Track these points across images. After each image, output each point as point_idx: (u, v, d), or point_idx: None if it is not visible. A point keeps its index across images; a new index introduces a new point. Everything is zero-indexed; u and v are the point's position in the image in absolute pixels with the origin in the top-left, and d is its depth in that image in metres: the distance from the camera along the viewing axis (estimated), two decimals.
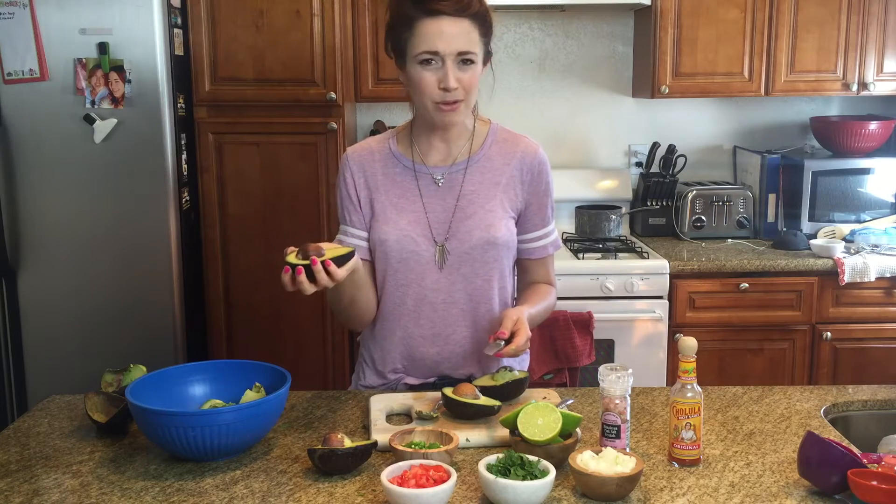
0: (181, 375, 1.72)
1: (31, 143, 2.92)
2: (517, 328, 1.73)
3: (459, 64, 1.75)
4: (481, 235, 1.84)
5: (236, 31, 3.06)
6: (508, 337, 1.72)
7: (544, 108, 3.75)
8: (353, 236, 1.93)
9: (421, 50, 1.74)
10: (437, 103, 1.77)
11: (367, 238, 1.93)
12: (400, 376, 1.94)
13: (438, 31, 1.72)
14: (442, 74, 1.74)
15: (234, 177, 3.14)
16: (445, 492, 1.34)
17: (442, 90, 1.75)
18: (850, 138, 3.47)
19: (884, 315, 3.20)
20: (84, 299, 3.00)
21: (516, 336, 1.72)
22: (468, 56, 1.74)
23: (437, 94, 1.76)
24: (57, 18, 2.86)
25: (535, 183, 1.90)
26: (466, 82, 1.76)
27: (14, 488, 1.47)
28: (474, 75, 1.77)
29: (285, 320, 3.20)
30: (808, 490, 1.43)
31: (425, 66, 1.75)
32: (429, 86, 1.76)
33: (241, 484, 1.47)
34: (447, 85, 1.74)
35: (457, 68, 1.74)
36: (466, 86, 1.77)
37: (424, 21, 1.72)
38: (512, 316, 1.75)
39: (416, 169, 1.89)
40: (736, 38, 3.36)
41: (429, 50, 1.73)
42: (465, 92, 1.77)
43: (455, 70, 1.74)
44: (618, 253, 3.26)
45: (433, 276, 1.86)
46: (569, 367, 2.27)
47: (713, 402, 1.83)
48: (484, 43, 1.79)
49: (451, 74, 1.74)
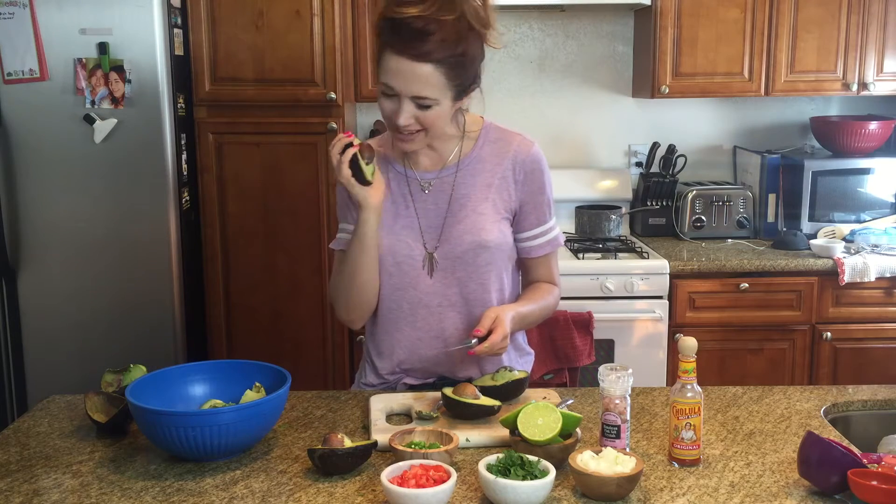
0: (181, 375, 1.72)
1: (31, 143, 2.92)
2: (494, 326, 1.72)
3: (417, 106, 1.71)
4: (472, 239, 1.83)
5: (236, 31, 3.06)
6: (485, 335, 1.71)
7: (544, 108, 3.75)
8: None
9: (380, 80, 1.72)
10: (394, 131, 1.77)
11: None
12: (399, 376, 1.94)
13: (398, 69, 1.67)
14: (397, 109, 1.72)
15: (234, 177, 3.14)
16: (445, 492, 1.34)
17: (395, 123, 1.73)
18: (850, 138, 3.47)
19: (884, 315, 3.19)
20: (84, 299, 3.00)
21: (492, 334, 1.71)
22: (424, 101, 1.70)
23: (392, 124, 1.75)
24: (57, 18, 2.86)
25: (528, 181, 1.88)
26: (423, 120, 1.72)
27: (14, 488, 1.47)
28: (436, 115, 1.72)
29: (285, 320, 3.20)
30: (808, 490, 1.43)
31: (384, 97, 1.73)
32: (385, 114, 1.75)
33: (241, 484, 1.47)
34: (397, 122, 1.72)
35: (414, 107, 1.71)
36: (423, 122, 1.73)
37: (388, 54, 1.69)
38: (490, 314, 1.74)
39: (407, 174, 1.88)
40: (736, 38, 3.36)
41: (385, 83, 1.71)
42: (420, 126, 1.74)
43: (411, 108, 1.71)
44: (618, 253, 3.26)
45: (428, 280, 1.86)
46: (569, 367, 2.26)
47: (713, 402, 1.83)
48: (454, 85, 1.71)
49: (403, 112, 1.70)
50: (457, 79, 1.71)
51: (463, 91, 1.75)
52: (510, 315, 1.77)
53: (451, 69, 1.68)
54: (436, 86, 1.68)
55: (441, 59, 1.66)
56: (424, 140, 1.79)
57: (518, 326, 1.85)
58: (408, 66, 1.66)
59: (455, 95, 1.74)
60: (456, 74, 1.70)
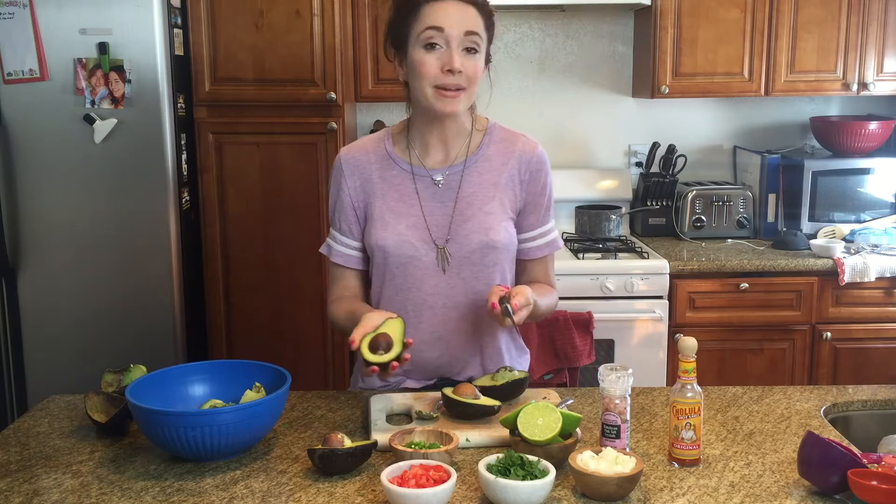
0: (181, 375, 1.71)
1: (31, 143, 2.92)
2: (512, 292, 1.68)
3: (464, 51, 1.74)
4: (480, 239, 1.83)
5: (236, 31, 3.06)
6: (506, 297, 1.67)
7: (544, 108, 3.75)
8: (344, 245, 1.92)
9: (426, 26, 1.73)
10: (438, 88, 1.75)
11: (358, 248, 1.91)
12: (401, 379, 1.93)
13: (445, 12, 1.73)
14: (447, 57, 1.73)
15: (234, 177, 3.14)
16: (445, 492, 1.34)
17: (446, 73, 1.73)
18: (850, 138, 3.47)
19: (884, 315, 3.19)
20: (84, 299, 3.00)
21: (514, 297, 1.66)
22: (474, 39, 1.74)
23: (439, 78, 1.74)
24: (57, 18, 2.86)
25: (532, 182, 1.88)
26: (470, 70, 1.75)
27: (14, 488, 1.47)
28: (478, 65, 1.76)
29: (285, 320, 3.20)
30: (808, 490, 1.43)
31: (429, 50, 1.74)
32: (431, 68, 1.74)
33: (241, 484, 1.47)
34: (451, 66, 1.72)
35: (461, 53, 1.74)
36: (470, 74, 1.75)
37: (431, 4, 1.73)
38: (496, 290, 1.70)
39: (413, 171, 1.87)
40: (736, 38, 3.36)
41: (434, 25, 1.72)
42: (467, 80, 1.75)
43: (459, 54, 1.73)
44: (618, 253, 3.26)
45: (432, 281, 1.85)
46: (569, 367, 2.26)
47: (713, 402, 1.83)
48: (488, 37, 1.79)
49: (455, 55, 1.73)
50: (488, 31, 1.79)
51: (488, 54, 1.82)
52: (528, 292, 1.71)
53: (486, 20, 1.78)
54: (481, 27, 1.77)
55: (483, 6, 1.77)
56: (465, 101, 1.79)
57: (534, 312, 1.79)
58: (456, 8, 1.74)
59: (486, 54, 1.80)
60: (489, 25, 1.79)
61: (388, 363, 1.61)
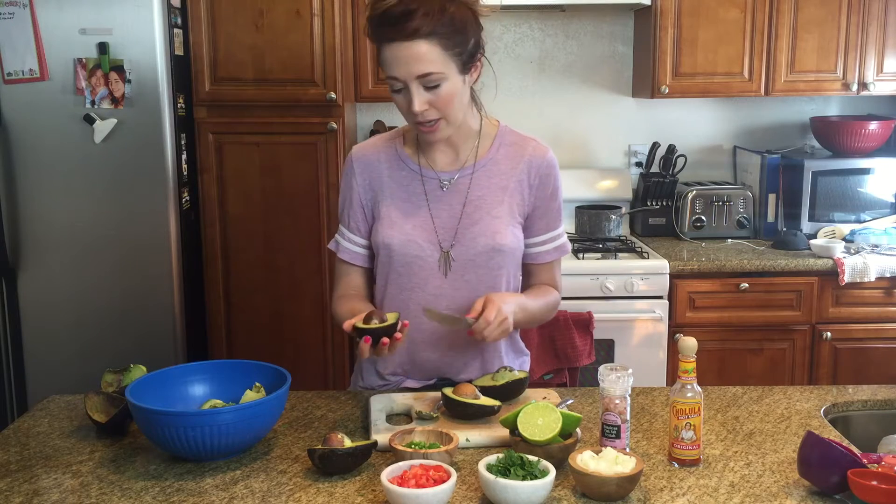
0: (181, 375, 1.71)
1: (31, 143, 2.92)
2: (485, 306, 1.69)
3: (424, 89, 1.70)
4: (486, 242, 1.82)
5: (236, 31, 3.06)
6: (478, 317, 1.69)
7: (544, 108, 3.75)
8: (351, 242, 1.92)
9: (386, 75, 1.72)
10: (416, 124, 1.76)
11: (365, 245, 1.92)
12: (400, 378, 1.93)
13: (394, 56, 1.68)
14: (409, 98, 1.71)
15: (234, 177, 3.14)
16: (445, 492, 1.34)
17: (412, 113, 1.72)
18: (850, 138, 3.47)
19: (884, 315, 3.20)
20: (84, 299, 3.00)
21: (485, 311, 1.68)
22: (429, 79, 1.69)
23: (411, 116, 1.74)
24: (57, 18, 2.86)
25: (542, 186, 1.87)
26: (438, 103, 1.71)
27: (14, 488, 1.47)
28: (447, 94, 1.71)
29: (285, 320, 3.20)
30: (808, 490, 1.43)
31: (395, 92, 1.73)
32: (402, 109, 1.75)
33: (241, 484, 1.47)
34: (412, 110, 1.71)
35: (423, 91, 1.70)
36: (439, 106, 1.72)
37: (385, 47, 1.69)
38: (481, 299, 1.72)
39: (422, 173, 1.87)
40: (736, 38, 3.36)
41: (390, 76, 1.71)
42: (439, 110, 1.73)
43: (421, 93, 1.70)
44: (618, 253, 3.26)
45: (436, 282, 1.85)
46: (569, 367, 2.26)
47: (713, 402, 1.83)
48: (455, 54, 1.70)
49: (415, 100, 1.70)
50: (455, 47, 1.69)
51: (467, 60, 1.73)
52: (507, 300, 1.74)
53: (445, 38, 1.67)
54: (436, 60, 1.67)
55: (431, 32, 1.66)
56: (447, 128, 1.77)
57: (522, 317, 1.81)
58: (402, 50, 1.66)
59: (460, 66, 1.72)
60: (452, 43, 1.68)
61: (380, 335, 1.63)
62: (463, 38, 1.70)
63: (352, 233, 1.92)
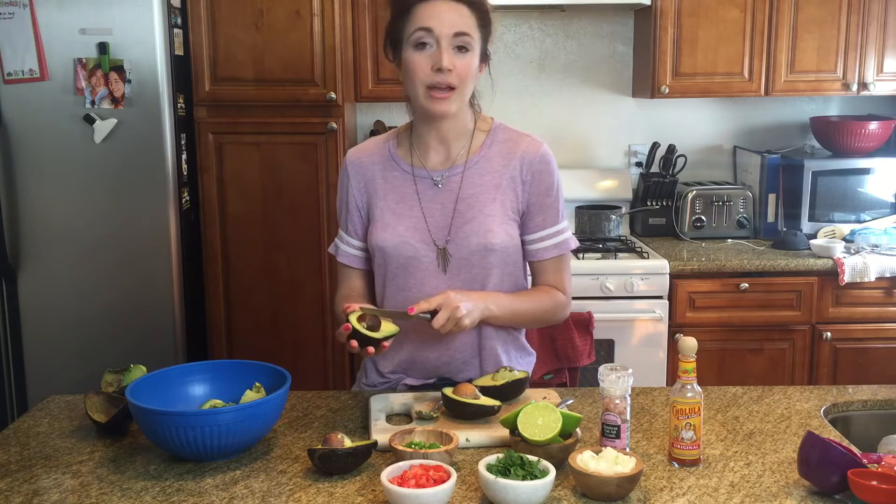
0: (181, 375, 1.72)
1: (31, 143, 2.92)
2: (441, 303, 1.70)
3: (454, 50, 1.73)
4: (479, 241, 1.82)
5: (236, 31, 3.06)
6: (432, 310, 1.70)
7: (544, 108, 3.75)
8: (349, 245, 1.94)
9: (415, 27, 1.73)
10: (429, 88, 1.75)
11: (363, 248, 1.93)
12: (400, 377, 1.94)
13: (434, 11, 1.73)
14: (437, 56, 1.72)
15: (234, 177, 3.14)
16: (445, 492, 1.34)
17: (435, 72, 1.72)
18: (850, 138, 3.47)
19: (884, 315, 3.19)
20: (84, 299, 3.00)
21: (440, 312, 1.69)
22: (464, 39, 1.73)
23: (429, 77, 1.73)
24: (57, 18, 2.86)
25: (535, 182, 1.86)
26: (461, 68, 1.74)
27: (14, 488, 1.47)
28: (470, 64, 1.75)
29: (285, 320, 3.20)
30: (808, 490, 1.43)
31: (419, 50, 1.74)
32: (421, 68, 1.74)
33: (241, 484, 1.47)
34: (440, 64, 1.71)
35: (451, 52, 1.73)
36: (461, 72, 1.74)
37: (422, 4, 1.73)
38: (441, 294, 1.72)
39: (414, 173, 1.87)
40: (736, 38, 3.36)
41: (423, 26, 1.72)
42: (458, 78, 1.74)
43: (449, 53, 1.73)
44: (618, 253, 3.26)
45: (433, 282, 1.85)
46: (569, 367, 2.26)
47: (713, 402, 1.83)
48: (482, 36, 1.77)
49: (444, 54, 1.72)
50: (484, 29, 1.78)
51: (484, 51, 1.80)
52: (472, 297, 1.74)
53: (480, 17, 1.76)
54: (472, 27, 1.75)
55: (473, 3, 1.75)
56: (456, 101, 1.78)
57: (503, 314, 1.82)
58: (446, 6, 1.73)
59: (481, 51, 1.79)
60: (484, 23, 1.77)
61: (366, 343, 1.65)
62: (488, 31, 1.80)
63: (349, 236, 1.93)
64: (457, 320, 1.70)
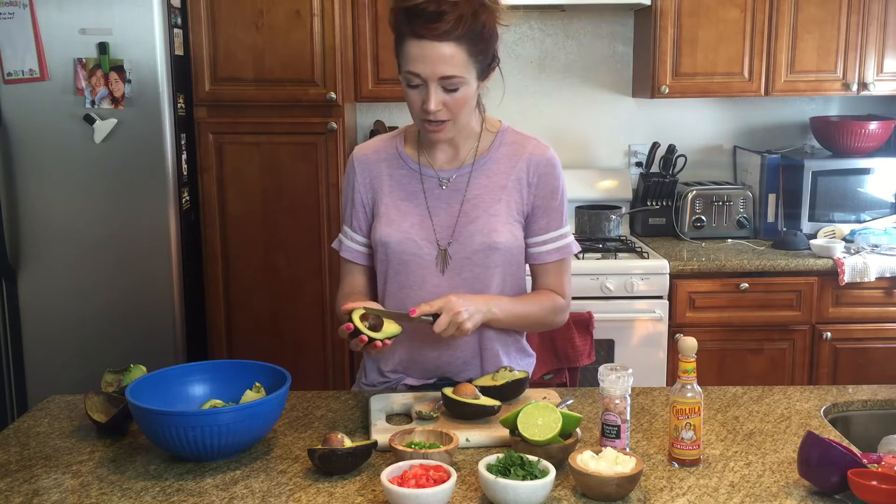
0: (181, 375, 1.72)
1: (31, 143, 2.92)
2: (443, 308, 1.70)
3: (444, 88, 1.71)
4: (483, 240, 1.83)
5: (236, 31, 3.06)
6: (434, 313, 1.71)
7: (544, 108, 3.75)
8: (353, 241, 1.94)
9: (405, 70, 1.72)
10: (423, 121, 1.76)
11: (367, 244, 1.93)
12: (400, 376, 1.94)
13: (421, 54, 1.68)
14: (425, 97, 1.71)
15: (234, 177, 3.14)
16: (445, 492, 1.34)
17: (424, 111, 1.73)
18: (850, 138, 3.47)
19: (884, 315, 3.20)
20: (84, 299, 3.00)
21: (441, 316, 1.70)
22: (451, 81, 1.70)
23: (422, 114, 1.74)
24: (57, 18, 2.86)
25: (541, 185, 1.86)
26: (452, 105, 1.73)
27: (14, 488, 1.47)
28: (462, 97, 1.73)
29: (285, 320, 3.20)
30: (808, 490, 1.43)
31: (411, 87, 1.73)
32: (415, 103, 1.75)
33: (241, 484, 1.47)
34: (427, 108, 1.71)
35: (441, 91, 1.71)
36: (452, 108, 1.73)
37: (410, 41, 1.69)
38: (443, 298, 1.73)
39: (421, 171, 1.88)
40: (736, 38, 3.36)
41: (411, 71, 1.71)
42: (450, 112, 1.74)
43: (438, 93, 1.71)
44: (618, 253, 3.26)
45: (434, 280, 1.85)
46: (569, 367, 2.26)
47: (713, 402, 1.83)
48: (477, 61, 1.72)
49: (432, 98, 1.71)
50: (479, 54, 1.71)
51: (486, 68, 1.76)
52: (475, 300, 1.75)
53: (472, 45, 1.69)
54: (460, 64, 1.69)
55: (461, 36, 1.67)
56: (452, 129, 1.78)
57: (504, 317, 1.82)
58: (430, 49, 1.67)
59: (479, 72, 1.74)
60: (478, 50, 1.71)
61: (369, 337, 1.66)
62: (487, 46, 1.73)
63: (354, 232, 1.94)
64: (458, 325, 1.70)
